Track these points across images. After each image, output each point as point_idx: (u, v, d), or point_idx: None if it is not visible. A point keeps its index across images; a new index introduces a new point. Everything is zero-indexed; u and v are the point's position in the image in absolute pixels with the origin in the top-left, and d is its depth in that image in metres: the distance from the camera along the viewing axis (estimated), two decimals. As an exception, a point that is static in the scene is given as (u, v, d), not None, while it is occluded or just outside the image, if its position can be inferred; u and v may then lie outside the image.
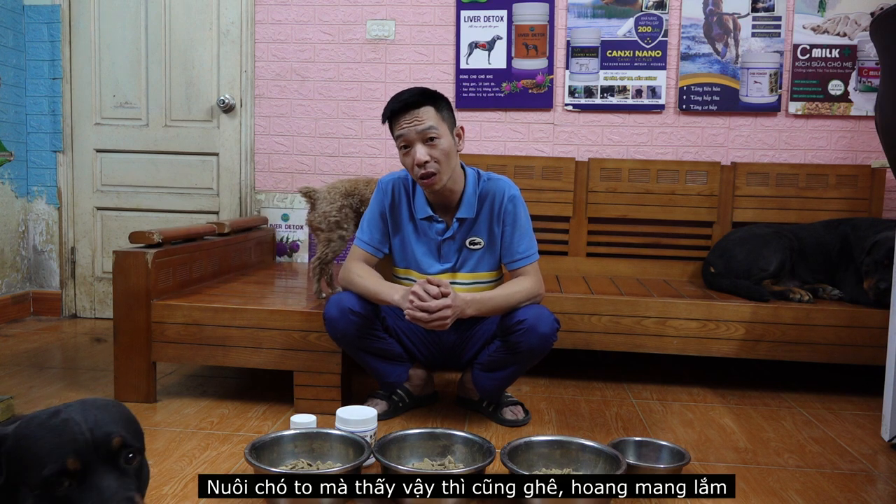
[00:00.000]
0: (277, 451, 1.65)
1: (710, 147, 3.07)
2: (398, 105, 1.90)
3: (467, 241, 2.03)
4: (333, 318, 1.94)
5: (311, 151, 3.26)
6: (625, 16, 3.05)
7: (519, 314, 1.91)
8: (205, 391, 2.32)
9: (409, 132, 1.89)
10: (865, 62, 2.98)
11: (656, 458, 1.71)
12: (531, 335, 1.89)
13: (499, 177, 2.06)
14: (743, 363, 2.70)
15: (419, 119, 1.89)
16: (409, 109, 1.90)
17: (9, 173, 3.26)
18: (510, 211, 2.00)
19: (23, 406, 2.09)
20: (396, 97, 1.93)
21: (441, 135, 1.91)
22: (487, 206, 2.02)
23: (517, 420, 2.06)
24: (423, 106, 1.90)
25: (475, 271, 2.05)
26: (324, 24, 3.20)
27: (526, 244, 2.01)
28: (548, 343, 1.92)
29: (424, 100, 1.91)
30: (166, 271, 2.23)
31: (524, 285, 1.96)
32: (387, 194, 2.05)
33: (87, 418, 0.95)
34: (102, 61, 3.32)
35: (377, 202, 2.06)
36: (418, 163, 1.89)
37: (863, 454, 1.91)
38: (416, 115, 1.89)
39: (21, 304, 3.36)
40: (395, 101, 1.92)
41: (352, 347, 2.00)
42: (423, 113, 1.90)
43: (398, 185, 2.06)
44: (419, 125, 1.89)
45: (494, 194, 2.01)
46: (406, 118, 1.90)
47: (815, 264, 2.64)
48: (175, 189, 3.33)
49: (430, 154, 1.89)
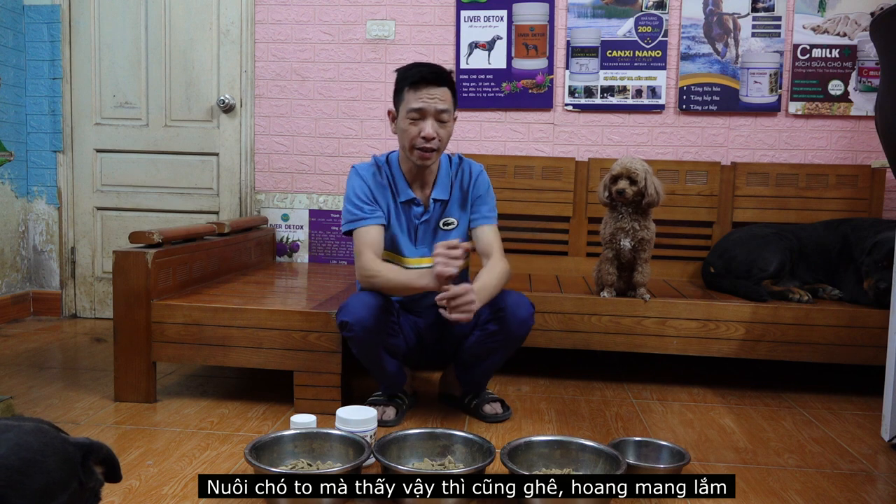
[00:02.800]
0: (277, 451, 1.65)
1: (710, 147, 3.07)
2: (429, 75, 1.92)
3: (441, 222, 2.07)
4: (362, 318, 1.85)
5: (311, 151, 3.26)
6: (625, 16, 3.05)
7: (497, 302, 1.94)
8: (205, 391, 2.32)
9: (429, 106, 1.92)
10: (865, 62, 2.98)
11: (656, 458, 1.71)
12: (511, 321, 1.93)
13: (467, 159, 2.14)
14: (743, 363, 2.70)
15: (441, 97, 1.93)
16: (437, 84, 1.93)
17: (9, 173, 3.26)
18: (479, 182, 2.09)
19: (23, 406, 2.10)
20: (421, 67, 1.95)
21: (450, 119, 1.98)
22: (458, 185, 2.09)
23: (496, 415, 2.07)
24: (446, 86, 1.95)
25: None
26: (324, 24, 3.20)
27: (489, 207, 2.09)
28: (526, 327, 1.96)
29: (448, 81, 1.96)
30: (166, 271, 2.23)
31: (500, 267, 1.99)
32: (367, 176, 2.04)
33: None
34: (102, 61, 3.32)
35: (361, 183, 2.02)
36: (427, 136, 1.92)
37: (863, 454, 1.91)
38: (439, 92, 1.93)
39: (21, 304, 3.36)
40: (424, 71, 1.93)
41: (374, 347, 1.94)
42: (445, 93, 1.95)
43: (375, 169, 2.06)
44: (440, 103, 1.93)
45: (463, 174, 2.09)
46: (430, 91, 1.92)
47: (815, 264, 2.64)
48: (175, 189, 3.33)
49: (438, 132, 1.94)
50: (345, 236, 2.41)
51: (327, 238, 3.26)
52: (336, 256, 3.27)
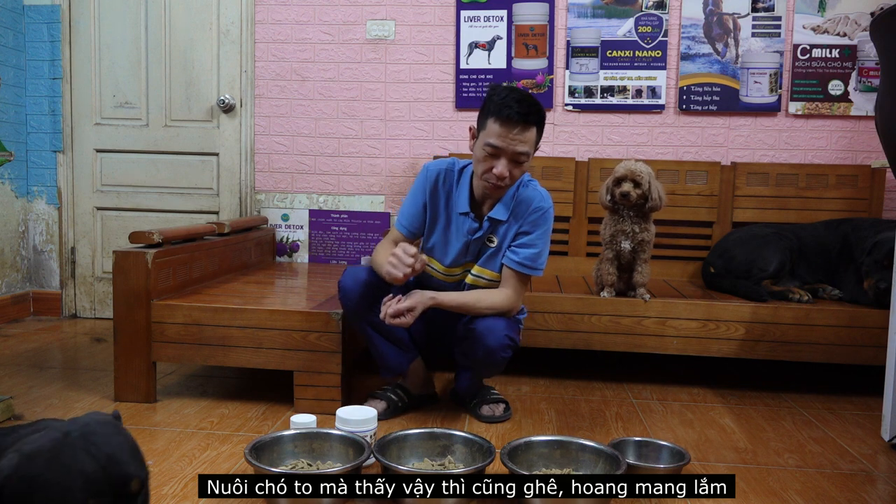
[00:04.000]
0: (277, 451, 1.65)
1: (710, 147, 3.07)
2: (517, 116, 1.80)
3: (487, 237, 2.03)
4: (346, 287, 1.97)
5: (311, 151, 3.26)
6: (625, 16, 3.05)
7: (472, 321, 1.93)
8: (205, 391, 2.32)
9: (508, 148, 1.83)
10: (865, 62, 2.98)
11: (656, 458, 1.71)
12: (478, 345, 1.91)
13: (538, 187, 2.03)
14: (743, 363, 2.70)
15: (523, 140, 1.83)
16: (523, 126, 1.82)
17: (9, 173, 3.26)
18: (533, 220, 1.98)
19: (23, 406, 2.09)
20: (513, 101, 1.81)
21: (527, 160, 1.89)
22: (515, 212, 2.00)
23: (493, 417, 2.07)
24: (533, 127, 1.84)
25: (483, 267, 2.05)
26: (324, 24, 3.20)
27: (531, 254, 1.97)
28: (494, 356, 1.92)
29: (537, 120, 1.85)
30: (166, 271, 2.23)
31: (498, 298, 1.96)
32: (430, 181, 2.04)
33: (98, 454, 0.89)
34: (102, 61, 3.32)
35: (422, 187, 2.05)
36: (499, 175, 1.85)
37: (863, 454, 1.91)
38: (523, 134, 1.83)
39: (21, 304, 3.36)
40: (514, 108, 1.80)
41: (360, 320, 2.00)
42: (529, 135, 1.84)
43: (443, 175, 2.05)
44: (520, 146, 1.84)
45: (524, 201, 1.99)
46: (514, 131, 1.82)
47: (815, 264, 2.64)
48: (175, 189, 3.33)
49: (511, 172, 1.87)
50: (345, 235, 2.41)
51: (327, 238, 3.26)
52: (336, 256, 3.27)
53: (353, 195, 3.24)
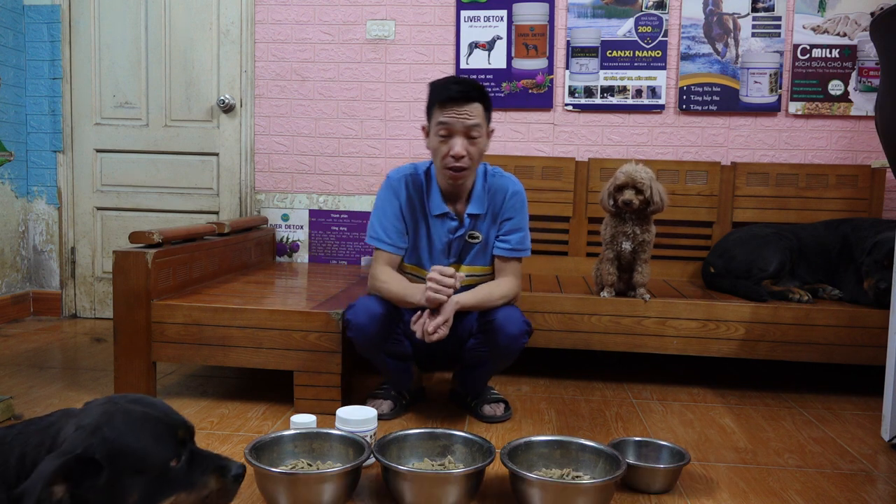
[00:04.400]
0: (277, 451, 1.64)
1: (710, 147, 3.07)
2: (456, 94, 1.88)
3: (468, 234, 2.05)
4: (362, 324, 1.92)
5: (311, 151, 3.26)
6: (625, 16, 3.05)
7: (491, 313, 1.95)
8: (205, 391, 2.32)
9: (457, 123, 1.89)
10: (865, 62, 2.98)
11: (656, 458, 1.71)
12: (500, 334, 1.91)
13: (504, 173, 2.08)
14: (743, 363, 2.70)
15: (470, 114, 1.89)
16: (464, 102, 1.89)
17: (9, 173, 3.26)
18: (511, 206, 2.03)
19: (23, 406, 2.09)
20: (450, 83, 1.91)
21: (481, 134, 1.93)
22: (490, 203, 2.04)
23: (494, 416, 2.07)
24: (475, 101, 1.90)
25: (472, 264, 2.07)
26: (324, 24, 3.20)
27: (521, 237, 2.04)
28: (516, 343, 1.94)
29: (479, 96, 1.92)
30: (166, 271, 2.23)
31: (506, 288, 1.99)
32: (399, 190, 2.04)
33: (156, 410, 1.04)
34: (102, 61, 3.32)
35: (392, 198, 2.04)
36: (455, 155, 1.89)
37: (863, 454, 1.91)
38: (468, 108, 1.89)
39: (21, 304, 3.35)
40: (451, 89, 1.89)
41: (373, 350, 1.99)
42: (475, 109, 1.90)
43: (410, 181, 2.05)
44: (468, 120, 1.89)
45: (497, 190, 2.04)
46: (458, 108, 1.88)
47: (815, 264, 2.64)
48: (175, 189, 3.33)
49: (468, 150, 1.91)
50: (342, 235, 2.40)
51: (327, 238, 3.26)
52: (336, 256, 3.27)
53: (353, 195, 3.24)
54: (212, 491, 1.05)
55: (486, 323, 1.95)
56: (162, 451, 1.01)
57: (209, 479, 1.06)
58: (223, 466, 1.07)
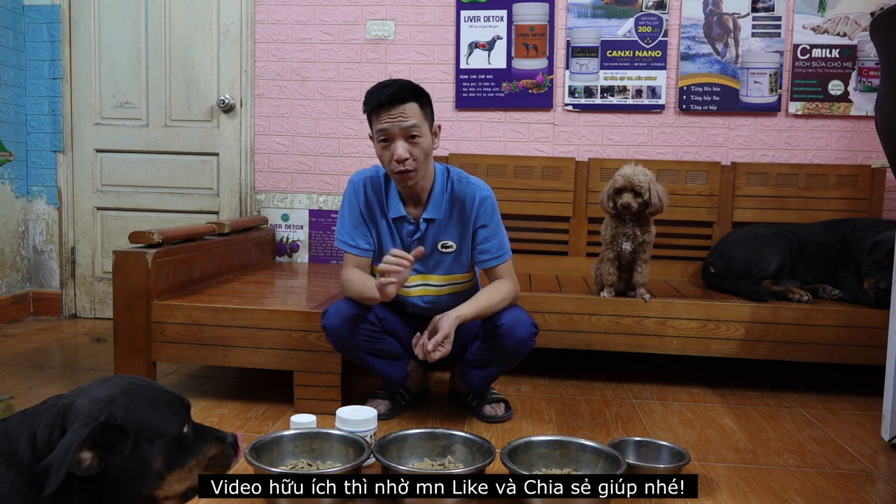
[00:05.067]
0: (277, 451, 1.65)
1: (710, 147, 3.07)
2: (386, 99, 1.84)
3: (439, 244, 2.01)
4: (336, 328, 1.93)
5: (311, 151, 3.26)
6: (625, 16, 3.05)
7: (497, 318, 1.94)
8: (205, 391, 2.32)
9: (393, 127, 1.85)
10: (865, 62, 2.98)
11: (656, 458, 1.71)
12: (508, 338, 1.91)
13: (470, 178, 2.02)
14: (743, 363, 2.70)
15: (404, 115, 1.84)
16: (396, 104, 1.84)
17: (9, 173, 3.26)
18: (483, 213, 1.98)
19: (23, 406, 2.08)
20: (381, 89, 1.87)
21: (423, 133, 1.87)
22: (458, 209, 1.99)
23: (496, 416, 2.07)
24: (409, 102, 1.85)
25: (449, 273, 2.04)
26: (324, 24, 3.20)
27: (498, 242, 2.00)
28: (524, 346, 1.94)
29: (411, 95, 1.86)
30: (166, 271, 2.23)
31: (504, 291, 1.97)
32: (359, 193, 2.02)
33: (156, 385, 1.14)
34: (102, 61, 3.32)
35: (353, 200, 2.02)
36: (398, 158, 1.85)
37: (863, 454, 1.91)
38: (401, 110, 1.84)
39: (21, 304, 3.36)
40: (381, 94, 1.85)
41: (354, 352, 1.99)
42: (409, 109, 1.85)
43: (370, 183, 2.02)
44: (404, 122, 1.84)
45: (465, 197, 1.99)
46: (391, 113, 1.84)
47: (815, 264, 2.64)
48: (175, 189, 3.33)
49: (411, 151, 1.86)
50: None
51: (327, 238, 3.26)
52: (336, 256, 3.27)
53: (353, 195, 3.24)
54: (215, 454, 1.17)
55: (493, 328, 1.94)
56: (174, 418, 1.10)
57: (212, 446, 1.17)
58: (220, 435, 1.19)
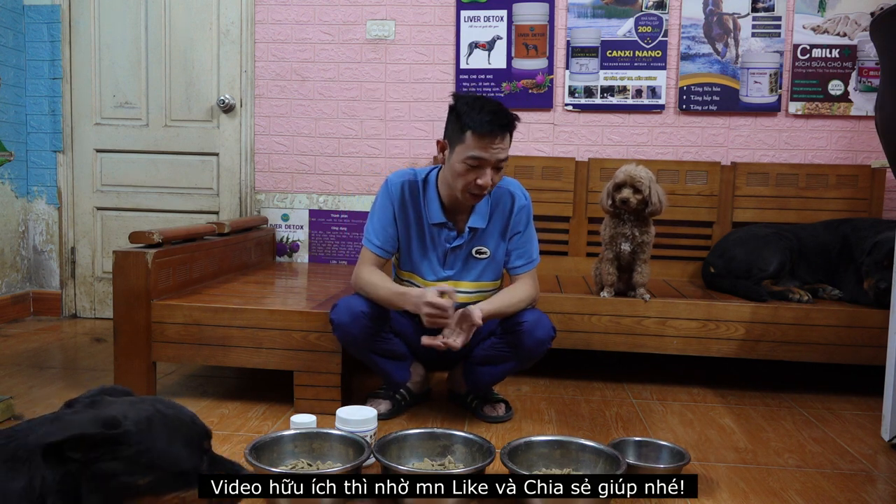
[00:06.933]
0: (277, 451, 1.65)
1: (710, 147, 3.07)
2: (498, 128, 1.81)
3: (474, 249, 2.03)
4: (344, 323, 1.92)
5: (311, 151, 3.26)
6: (625, 16, 3.05)
7: (520, 316, 1.95)
8: (205, 391, 2.32)
9: (491, 158, 1.83)
10: (865, 62, 2.98)
11: (656, 458, 1.71)
12: (528, 338, 1.92)
13: (508, 180, 2.05)
14: (743, 363, 2.70)
15: (503, 147, 1.85)
16: (499, 134, 1.82)
17: (9, 173, 3.26)
18: (519, 221, 2.03)
19: (23, 406, 2.09)
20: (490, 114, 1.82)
21: (505, 164, 1.90)
22: (498, 215, 2.02)
23: (497, 416, 2.07)
24: (508, 132, 1.86)
25: (479, 280, 2.06)
26: (324, 24, 3.20)
27: (530, 250, 2.05)
28: (542, 347, 1.96)
29: (511, 126, 1.87)
30: (166, 271, 2.23)
31: (525, 292, 1.99)
32: (395, 195, 2.02)
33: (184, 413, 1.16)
34: (102, 61, 3.32)
35: (387, 202, 2.02)
36: (484, 185, 1.85)
37: (863, 454, 1.91)
38: (503, 141, 1.84)
39: (21, 304, 3.36)
40: (492, 123, 1.81)
41: (360, 350, 1.99)
42: (507, 140, 1.86)
43: (408, 186, 2.02)
44: (501, 153, 1.85)
45: (505, 202, 2.02)
46: (494, 142, 1.82)
47: (815, 264, 2.64)
48: (175, 189, 3.33)
49: (494, 180, 1.88)
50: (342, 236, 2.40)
51: (327, 238, 3.26)
52: (336, 256, 3.27)
53: (353, 195, 3.24)
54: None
55: (513, 325, 1.95)
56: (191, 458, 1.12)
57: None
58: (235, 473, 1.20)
